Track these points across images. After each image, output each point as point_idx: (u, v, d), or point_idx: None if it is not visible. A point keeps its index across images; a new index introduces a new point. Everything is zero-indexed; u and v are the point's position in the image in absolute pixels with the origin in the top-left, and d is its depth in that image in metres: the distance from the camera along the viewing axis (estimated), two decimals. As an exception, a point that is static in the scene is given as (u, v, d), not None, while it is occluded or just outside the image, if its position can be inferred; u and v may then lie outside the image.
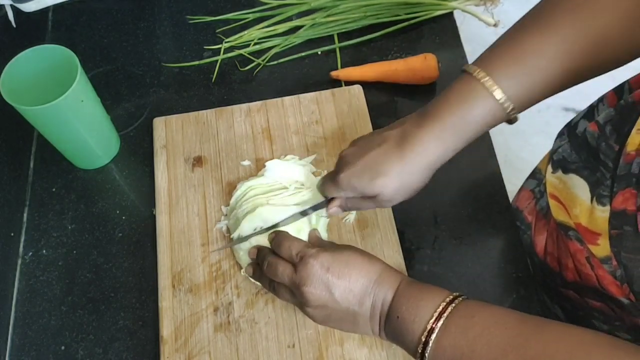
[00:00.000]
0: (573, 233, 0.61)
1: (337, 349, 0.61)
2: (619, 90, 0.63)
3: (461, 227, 0.69)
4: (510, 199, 0.73)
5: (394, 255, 0.66)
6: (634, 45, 0.51)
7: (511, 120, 0.54)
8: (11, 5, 0.86)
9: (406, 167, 0.54)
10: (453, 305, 0.51)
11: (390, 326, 0.53)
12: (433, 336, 0.49)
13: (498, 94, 0.51)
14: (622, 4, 0.49)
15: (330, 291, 0.54)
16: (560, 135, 0.70)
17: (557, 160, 0.66)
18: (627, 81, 0.63)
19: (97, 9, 0.89)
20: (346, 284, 0.54)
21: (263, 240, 0.63)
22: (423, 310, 0.51)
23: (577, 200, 0.61)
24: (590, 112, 0.65)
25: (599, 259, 0.58)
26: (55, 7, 0.89)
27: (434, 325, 0.50)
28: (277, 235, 0.61)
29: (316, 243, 0.63)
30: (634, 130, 0.55)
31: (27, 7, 0.88)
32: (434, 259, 0.67)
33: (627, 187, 0.54)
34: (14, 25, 0.87)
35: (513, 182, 0.81)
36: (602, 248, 0.57)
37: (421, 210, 0.70)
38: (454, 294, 0.52)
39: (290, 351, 0.62)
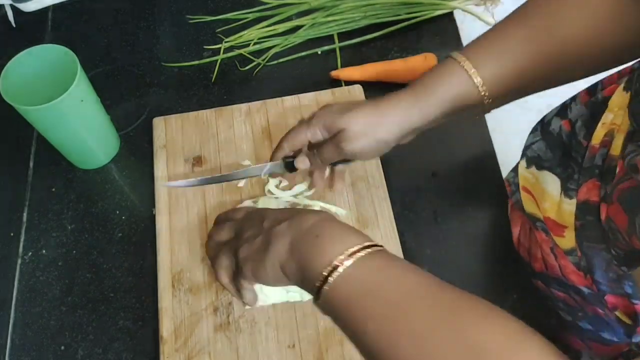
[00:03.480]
0: (540, 224, 0.63)
1: (337, 349, 0.61)
2: (592, 89, 0.64)
3: (462, 227, 0.69)
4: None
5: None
6: (596, 55, 0.55)
7: (485, 109, 0.57)
8: (11, 5, 0.86)
9: (376, 114, 0.57)
10: (377, 247, 0.48)
11: (305, 244, 0.49)
12: (347, 262, 0.46)
13: (476, 80, 0.55)
14: (589, 9, 0.53)
15: (262, 219, 0.55)
16: (533, 130, 0.70)
17: (531, 157, 0.67)
18: (600, 80, 0.64)
19: (97, 9, 0.89)
20: (276, 213, 0.55)
21: None
22: (346, 238, 0.48)
23: (547, 195, 0.62)
24: (563, 110, 0.66)
25: (565, 250, 0.59)
26: (55, 7, 0.89)
27: (353, 251, 0.46)
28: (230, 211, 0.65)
29: None
30: (599, 124, 0.57)
31: (27, 7, 0.88)
32: (434, 258, 0.67)
33: (590, 179, 0.55)
34: (14, 25, 0.87)
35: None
36: (567, 240, 0.58)
37: (421, 210, 0.70)
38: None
39: (290, 351, 0.62)
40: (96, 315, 0.66)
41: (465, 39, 0.83)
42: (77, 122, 0.68)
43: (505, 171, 0.73)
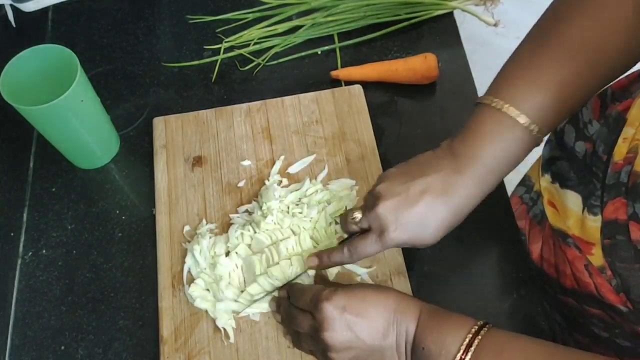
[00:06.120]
0: (571, 240, 0.61)
1: (337, 349, 0.61)
2: (602, 94, 0.63)
3: (461, 227, 0.69)
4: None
5: (394, 255, 0.66)
6: (628, 58, 0.52)
7: (538, 142, 0.53)
8: (11, 5, 0.86)
9: (454, 217, 0.54)
10: (479, 337, 0.49)
11: (417, 358, 0.52)
12: None
13: (525, 122, 0.51)
14: (620, 14, 0.50)
15: (352, 330, 0.53)
16: (549, 142, 0.69)
17: (556, 172, 0.66)
18: (610, 87, 0.63)
19: (97, 9, 0.89)
20: (367, 321, 0.53)
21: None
22: (449, 342, 0.50)
23: (570, 212, 0.61)
24: (574, 116, 0.65)
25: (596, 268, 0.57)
26: (55, 7, 0.89)
27: (465, 349, 0.49)
28: (291, 288, 0.60)
29: (320, 283, 0.62)
30: (620, 140, 0.55)
31: (26, 7, 0.88)
32: (434, 259, 0.67)
33: (617, 197, 0.54)
34: (14, 25, 0.87)
35: (514, 182, 0.81)
36: (596, 257, 0.57)
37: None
38: (479, 322, 0.51)
39: (290, 351, 0.62)
40: (96, 315, 0.66)
41: (465, 39, 0.83)
42: (77, 122, 0.68)
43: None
